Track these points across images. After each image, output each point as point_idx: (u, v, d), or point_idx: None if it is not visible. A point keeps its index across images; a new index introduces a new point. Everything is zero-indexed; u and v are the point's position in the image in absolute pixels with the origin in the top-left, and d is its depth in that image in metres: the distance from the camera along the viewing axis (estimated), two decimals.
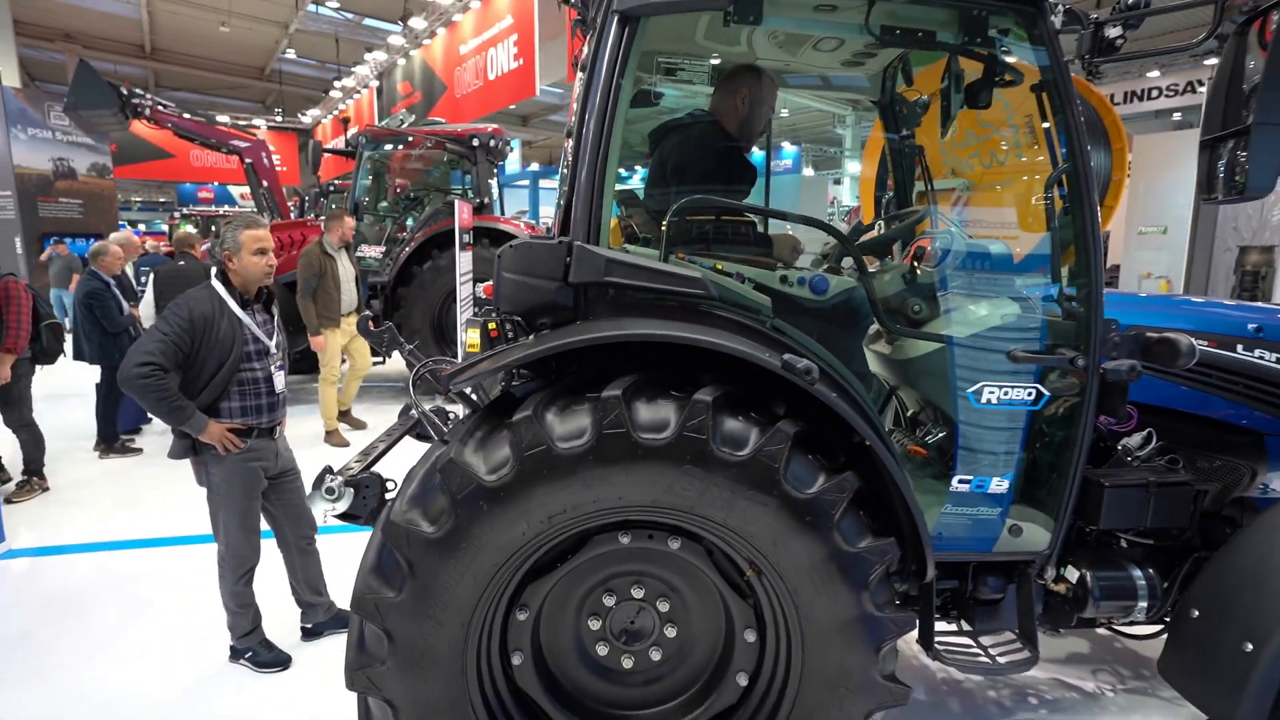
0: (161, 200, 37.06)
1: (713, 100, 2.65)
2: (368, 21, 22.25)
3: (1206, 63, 16.34)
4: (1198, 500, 2.47)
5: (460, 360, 2.31)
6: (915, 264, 2.60)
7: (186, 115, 11.47)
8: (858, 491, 1.93)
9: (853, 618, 1.94)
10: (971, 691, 3.14)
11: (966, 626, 2.47)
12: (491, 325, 2.16)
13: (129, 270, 7.64)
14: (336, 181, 13.81)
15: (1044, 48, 2.11)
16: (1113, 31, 2.06)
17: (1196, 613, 2.32)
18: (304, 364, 9.51)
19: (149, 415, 7.37)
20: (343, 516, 2.34)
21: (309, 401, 7.79)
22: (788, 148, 30.23)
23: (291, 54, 25.69)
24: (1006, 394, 2.21)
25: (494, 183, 9.18)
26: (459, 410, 2.89)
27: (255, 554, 3.18)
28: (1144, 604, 2.35)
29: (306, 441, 6.75)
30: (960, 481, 2.26)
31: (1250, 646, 2.10)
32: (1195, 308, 2.87)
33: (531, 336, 2.11)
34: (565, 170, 2.28)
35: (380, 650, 1.91)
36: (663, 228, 2.23)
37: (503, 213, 9.78)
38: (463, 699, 1.96)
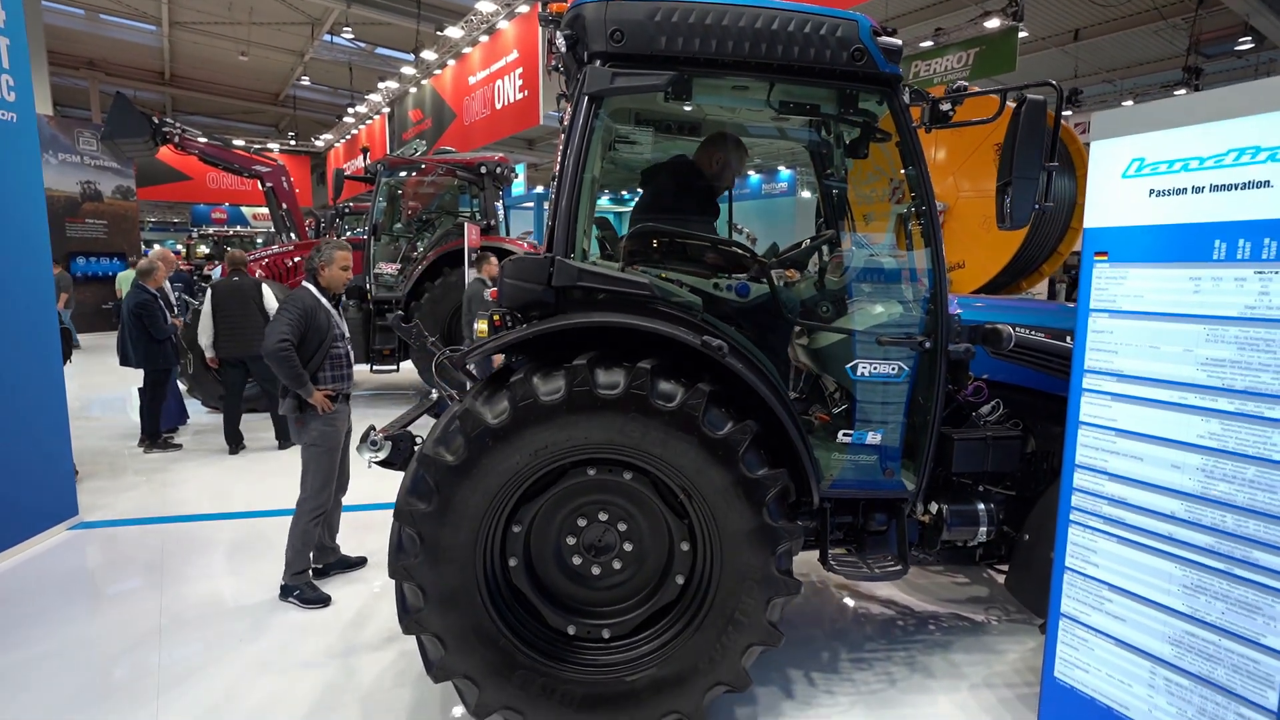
0: (175, 221, 38.12)
1: (696, 153, 3.45)
2: (380, 51, 23.35)
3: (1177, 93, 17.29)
4: (1036, 453, 3.22)
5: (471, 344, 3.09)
6: (823, 275, 3.38)
7: (211, 142, 12.34)
8: (760, 435, 2.69)
9: (755, 527, 2.68)
10: (885, 622, 3.88)
11: (859, 551, 3.22)
12: (496, 317, 2.95)
13: (167, 286, 8.49)
14: (351, 203, 14.68)
15: (898, 116, 2.90)
16: (944, 106, 2.85)
17: (1027, 537, 3.07)
18: None
19: (187, 414, 8.17)
20: (382, 464, 3.10)
21: None
22: (784, 170, 31.19)
23: (306, 81, 26.81)
24: (876, 368, 2.97)
25: (500, 205, 10.04)
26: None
27: (329, 500, 4.12)
28: (984, 529, 3.10)
29: None
30: (844, 435, 3.02)
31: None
32: (1041, 308, 3.64)
33: (525, 326, 2.89)
34: (550, 203, 3.07)
35: (414, 548, 2.65)
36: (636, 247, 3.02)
37: (508, 233, 10.64)
38: (472, 588, 2.71)
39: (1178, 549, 1.82)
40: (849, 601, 4.14)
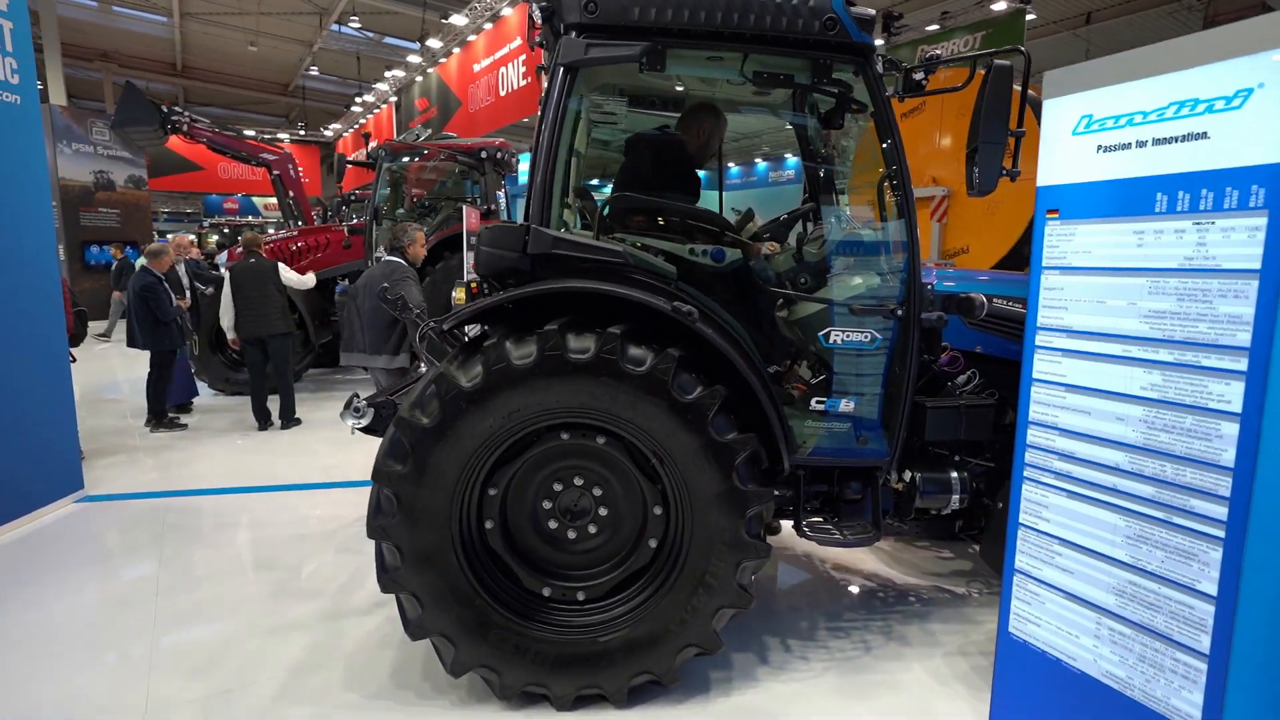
0: (188, 211, 38.51)
1: (679, 124, 3.48)
2: (388, 40, 23.44)
3: None
4: (1013, 423, 3.24)
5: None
6: (802, 247, 3.41)
7: (220, 131, 12.46)
8: (730, 400, 2.74)
9: (724, 491, 2.73)
10: (866, 593, 3.92)
11: (835, 519, 3.26)
12: (473, 284, 3.00)
13: (181, 270, 8.63)
14: (357, 191, 14.80)
15: (871, 86, 2.92)
16: (917, 75, 2.87)
17: (1001, 505, 3.09)
18: (327, 358, 10.47)
19: (197, 390, 8.30)
20: (366, 430, 3.17)
21: (330, 390, 8.68)
22: (791, 159, 31.12)
23: (315, 71, 26.96)
24: (850, 337, 3.00)
25: (501, 193, 10.09)
26: None
27: None
28: (957, 496, 3.13)
29: (328, 425, 7.66)
30: (817, 403, 3.06)
31: None
32: (1018, 279, 3.65)
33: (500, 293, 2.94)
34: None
35: (391, 509, 2.72)
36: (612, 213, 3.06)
37: (511, 218, 10.69)
38: (448, 548, 2.77)
39: (1122, 500, 1.84)
40: (832, 574, 4.18)
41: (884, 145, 2.97)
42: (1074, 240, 1.92)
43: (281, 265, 7.42)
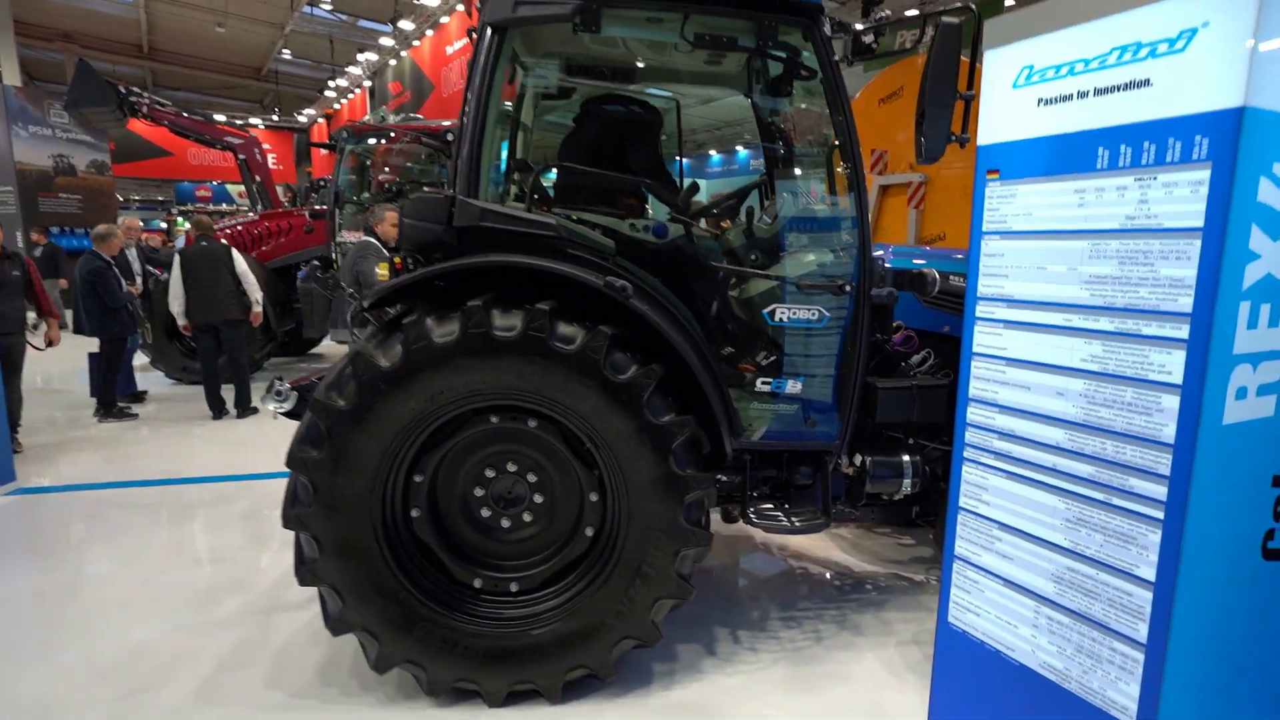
0: (160, 199, 37.69)
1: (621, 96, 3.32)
2: (362, 23, 22.97)
3: None
4: None
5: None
6: (751, 222, 3.27)
7: (184, 114, 12.10)
8: (667, 381, 2.59)
9: (661, 476, 2.58)
10: (821, 581, 3.81)
11: (785, 505, 3.13)
12: (397, 260, 2.83)
13: (132, 255, 8.33)
14: (327, 179, 14.45)
15: (819, 50, 2.77)
16: (867, 39, 2.72)
17: None
18: (292, 346, 10.22)
19: (135, 385, 7.98)
20: (289, 415, 3.00)
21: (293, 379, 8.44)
22: (743, 150, 30.85)
23: (287, 54, 26.41)
24: (797, 314, 2.87)
25: None
26: None
27: None
28: (909, 481, 3.01)
29: None
30: (763, 384, 2.92)
31: None
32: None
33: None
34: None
35: (308, 498, 2.56)
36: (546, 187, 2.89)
37: None
38: (369, 539, 2.61)
39: (1061, 481, 1.72)
40: (789, 561, 4.07)
41: (833, 114, 2.82)
42: (1014, 202, 1.78)
43: (235, 251, 7.15)
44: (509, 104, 3.44)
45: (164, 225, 23.17)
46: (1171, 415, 1.48)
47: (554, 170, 3.45)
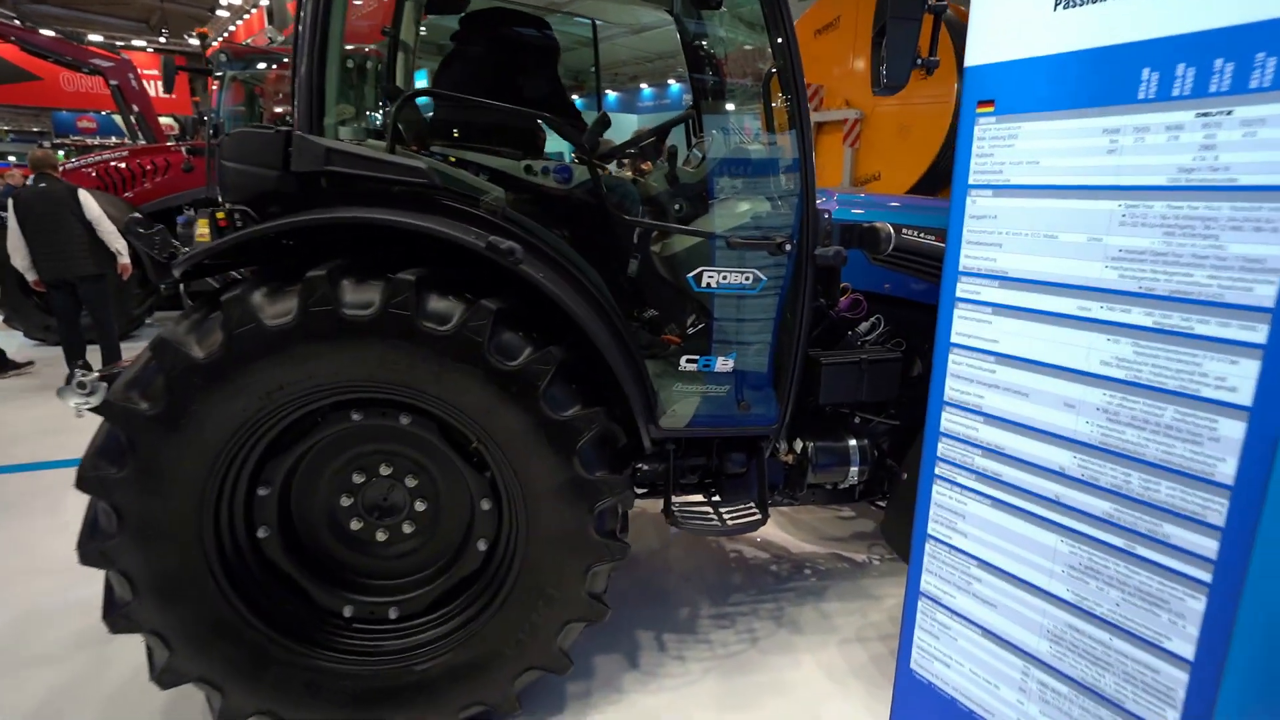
0: (36, 130, 34.08)
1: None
2: None
3: None
4: (922, 377, 2.75)
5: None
6: (674, 165, 2.74)
7: (33, 29, 10.52)
8: (571, 365, 2.10)
9: (565, 481, 2.12)
10: (756, 567, 3.47)
11: (715, 498, 2.73)
12: (220, 215, 2.21)
13: None
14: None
15: None
16: None
17: (905, 475, 2.62)
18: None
19: None
20: (97, 410, 2.37)
21: None
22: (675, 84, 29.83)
23: None
24: (726, 278, 2.39)
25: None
26: None
27: None
28: (855, 469, 2.64)
29: None
30: (687, 362, 2.46)
31: None
32: (933, 206, 3.12)
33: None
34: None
35: (111, 527, 1.99)
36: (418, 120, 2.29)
37: None
38: (202, 570, 2.08)
39: (1065, 517, 1.34)
40: (722, 545, 3.71)
41: (771, 34, 2.30)
42: (1015, 146, 1.33)
43: (84, 193, 6.10)
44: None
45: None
46: (1232, 446, 1.09)
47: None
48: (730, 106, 2.81)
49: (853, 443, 2.66)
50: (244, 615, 2.15)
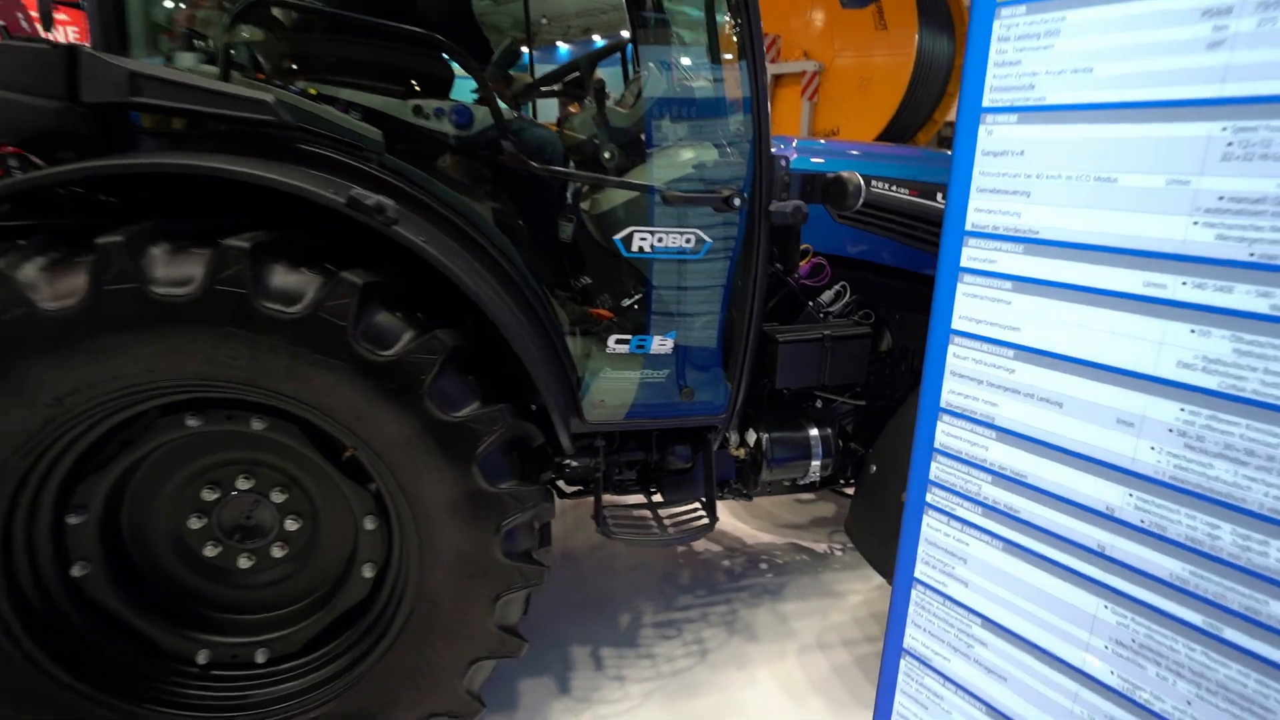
0: None
1: None
2: None
3: None
4: (893, 352, 2.41)
5: None
6: (602, 104, 2.28)
7: None
8: (466, 351, 1.68)
9: (463, 496, 1.71)
10: (707, 562, 3.12)
11: (657, 499, 2.35)
12: None
13: None
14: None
15: None
16: None
17: (874, 468, 2.27)
18: None
19: None
20: None
21: None
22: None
23: None
24: (662, 241, 1.97)
25: None
26: None
27: None
28: (817, 463, 2.28)
29: None
30: (617, 343, 2.04)
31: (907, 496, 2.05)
32: (907, 154, 2.74)
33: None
34: None
35: None
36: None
37: None
38: None
39: (1114, 575, 0.96)
40: None
41: None
42: (1055, 48, 0.92)
43: None
44: None
45: None
46: None
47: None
48: (670, 33, 2.35)
49: (814, 432, 2.29)
50: (53, 675, 1.71)
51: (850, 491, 2.81)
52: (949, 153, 2.75)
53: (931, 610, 1.26)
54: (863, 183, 1.97)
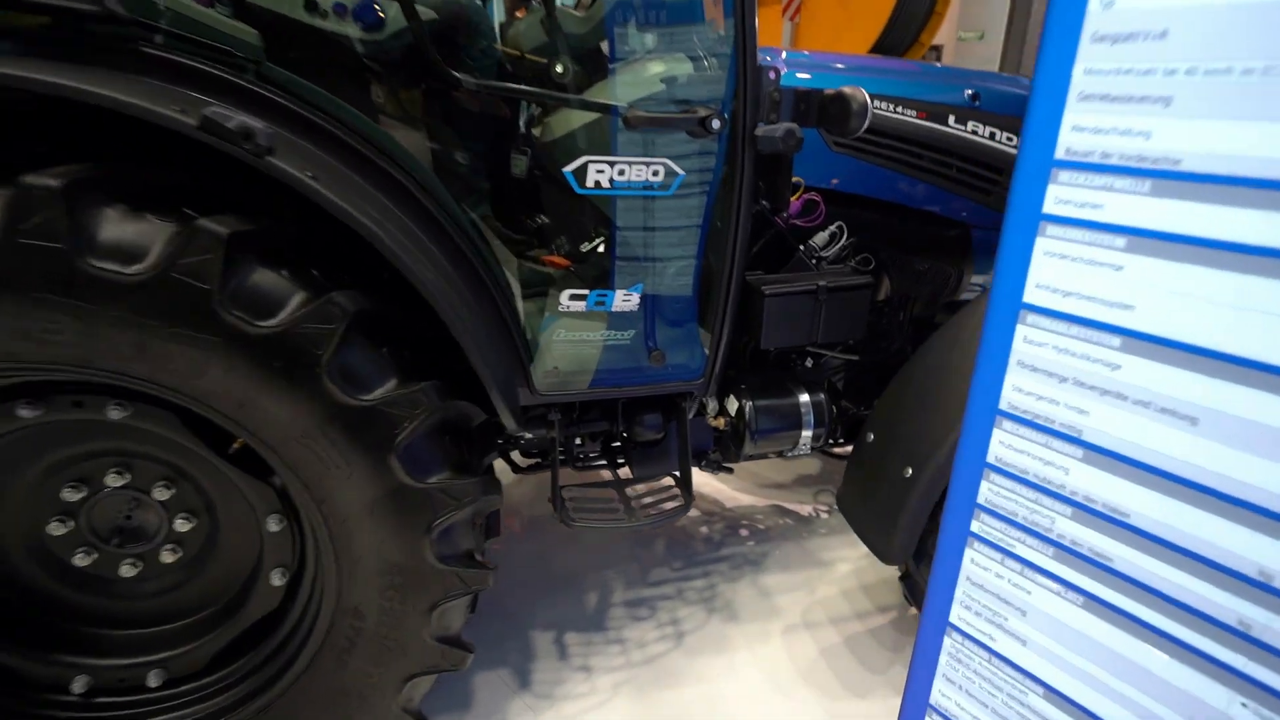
0: None
1: None
2: None
3: None
4: (890, 301, 2.10)
5: None
6: (551, 6, 1.86)
7: None
8: (378, 315, 1.33)
9: (382, 494, 1.39)
10: (685, 530, 2.87)
11: (618, 474, 2.06)
12: None
13: None
14: None
15: None
16: None
17: (872, 436, 1.99)
18: None
19: None
20: None
21: None
22: None
23: None
24: (624, 175, 1.61)
25: None
26: None
27: None
28: (808, 434, 1.99)
29: None
30: (571, 299, 1.70)
31: (910, 471, 1.77)
32: (915, 70, 2.36)
33: None
34: None
35: None
36: None
37: None
38: None
39: (1258, 663, 0.67)
40: None
41: None
42: None
43: None
44: None
45: None
46: None
47: None
48: None
49: (804, 398, 1.99)
50: None
51: (840, 452, 2.55)
52: (959, 69, 2.36)
53: (970, 665, 0.98)
54: (868, 100, 1.61)
